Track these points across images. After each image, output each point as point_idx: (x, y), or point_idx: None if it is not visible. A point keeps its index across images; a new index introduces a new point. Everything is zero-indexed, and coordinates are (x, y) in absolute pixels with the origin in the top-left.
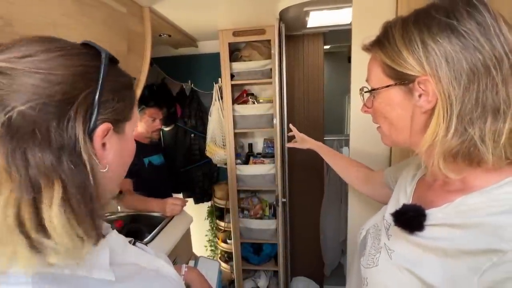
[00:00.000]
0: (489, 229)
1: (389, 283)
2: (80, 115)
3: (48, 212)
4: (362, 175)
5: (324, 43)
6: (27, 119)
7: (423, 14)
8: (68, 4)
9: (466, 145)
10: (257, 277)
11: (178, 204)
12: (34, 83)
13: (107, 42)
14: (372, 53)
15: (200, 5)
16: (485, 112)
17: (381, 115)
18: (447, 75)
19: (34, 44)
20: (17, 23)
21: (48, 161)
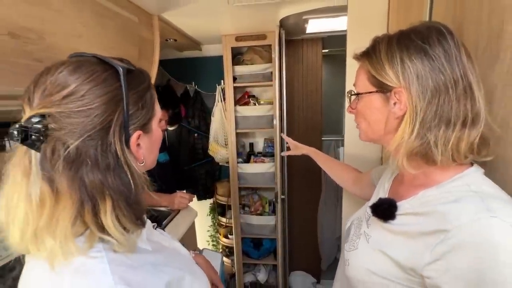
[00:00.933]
0: (440, 215)
1: (366, 262)
2: (117, 133)
3: (105, 219)
4: (352, 177)
5: (322, 47)
6: (79, 151)
7: (405, 36)
8: (88, 17)
9: (424, 147)
10: (257, 271)
11: (186, 198)
12: (79, 121)
13: (121, 50)
14: (360, 62)
15: (205, 13)
16: (440, 122)
17: (362, 116)
18: (416, 89)
19: (66, 78)
20: (48, 36)
21: (98, 181)
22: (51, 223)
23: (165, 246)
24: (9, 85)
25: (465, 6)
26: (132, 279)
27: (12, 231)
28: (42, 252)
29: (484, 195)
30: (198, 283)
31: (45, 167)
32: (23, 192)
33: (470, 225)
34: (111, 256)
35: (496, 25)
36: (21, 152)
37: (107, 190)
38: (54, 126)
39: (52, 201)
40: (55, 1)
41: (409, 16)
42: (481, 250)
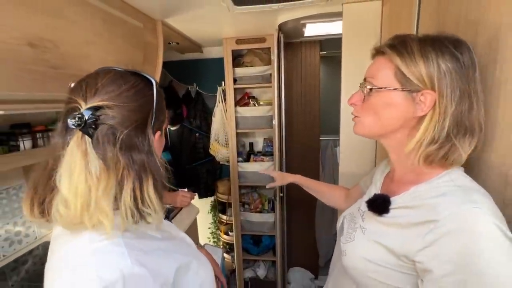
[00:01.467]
0: (429, 207)
1: (362, 251)
2: (150, 128)
3: (148, 192)
4: (342, 196)
5: (320, 49)
6: (129, 137)
7: (439, 41)
8: (99, 26)
9: (443, 149)
10: (257, 267)
11: (188, 196)
12: (125, 114)
13: (128, 54)
14: (386, 56)
15: (207, 18)
16: (461, 128)
17: (372, 110)
18: (448, 94)
19: (115, 83)
20: (61, 44)
21: (144, 160)
22: (105, 192)
23: (173, 235)
24: (27, 91)
25: (446, 19)
26: (146, 261)
27: (73, 202)
28: (93, 222)
29: (466, 189)
30: (204, 269)
31: (98, 149)
32: (83, 169)
33: (456, 215)
34: (127, 242)
35: (471, 36)
36: (78, 137)
37: (149, 169)
38: (109, 115)
39: (106, 176)
40: (69, 12)
41: (400, 25)
42: (465, 236)
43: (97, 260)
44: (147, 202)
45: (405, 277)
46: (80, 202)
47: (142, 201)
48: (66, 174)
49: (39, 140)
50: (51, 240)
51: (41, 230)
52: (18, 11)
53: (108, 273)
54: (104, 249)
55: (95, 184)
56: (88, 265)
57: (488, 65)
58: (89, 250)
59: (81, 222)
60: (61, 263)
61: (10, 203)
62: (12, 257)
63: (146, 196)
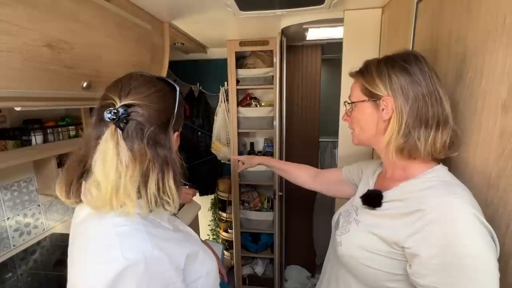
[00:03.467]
0: (417, 199)
1: (357, 241)
2: (171, 128)
3: (169, 183)
4: (310, 174)
5: (322, 53)
6: (155, 133)
7: (390, 58)
8: (111, 28)
9: (409, 142)
10: (255, 264)
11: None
12: (152, 113)
13: (137, 56)
14: (355, 79)
15: (212, 21)
16: (421, 122)
17: (356, 121)
18: (401, 97)
19: (145, 86)
20: (77, 45)
21: (167, 155)
22: (132, 180)
23: (180, 229)
24: (44, 88)
25: (439, 33)
26: (163, 246)
27: (104, 185)
28: (119, 204)
29: (450, 183)
30: (209, 259)
31: (127, 141)
32: (115, 157)
33: (439, 204)
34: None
35: (461, 50)
36: (112, 130)
37: (171, 162)
38: (139, 112)
39: (133, 166)
40: (84, 15)
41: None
42: (447, 222)
43: (121, 242)
44: (167, 192)
45: (396, 263)
46: (110, 185)
47: (163, 190)
48: (100, 160)
49: (49, 135)
50: (73, 226)
51: (48, 222)
52: (38, 15)
53: (132, 253)
54: (127, 233)
55: (125, 171)
56: (114, 246)
57: (475, 77)
58: (114, 233)
59: (109, 203)
60: (86, 245)
61: (20, 196)
62: (21, 247)
63: (167, 187)
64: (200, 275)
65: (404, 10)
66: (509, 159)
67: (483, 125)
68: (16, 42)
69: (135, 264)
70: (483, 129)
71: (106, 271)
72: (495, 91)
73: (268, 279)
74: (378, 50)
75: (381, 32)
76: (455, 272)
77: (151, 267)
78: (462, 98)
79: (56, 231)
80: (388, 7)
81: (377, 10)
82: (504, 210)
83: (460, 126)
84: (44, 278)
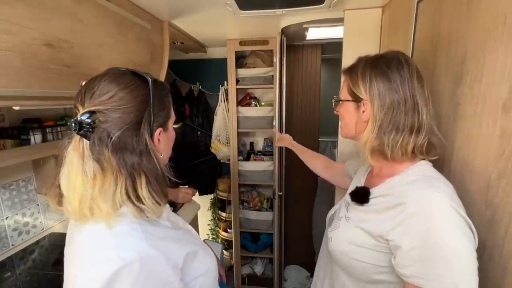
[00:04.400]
0: (399, 193)
1: (346, 236)
2: (146, 127)
3: (141, 191)
4: (322, 163)
5: (322, 52)
6: (121, 139)
7: (376, 61)
8: (111, 27)
9: (381, 146)
10: (254, 264)
11: (190, 193)
12: (119, 116)
13: (137, 55)
14: (345, 76)
15: (212, 20)
16: (392, 129)
17: (342, 117)
18: (377, 103)
19: (110, 85)
20: (76, 45)
21: (136, 162)
22: (102, 191)
23: (180, 226)
24: (43, 87)
25: (440, 33)
26: (160, 246)
27: (72, 199)
28: (95, 216)
29: (431, 178)
30: (209, 258)
31: (94, 151)
32: (80, 170)
33: (419, 198)
34: (144, 228)
35: (461, 50)
36: (76, 140)
37: (142, 169)
38: (101, 119)
39: (101, 176)
40: (84, 15)
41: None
42: (427, 215)
43: (117, 242)
44: (141, 199)
45: (382, 255)
46: (78, 199)
47: (136, 198)
48: (65, 175)
49: (48, 134)
50: (70, 226)
51: (47, 221)
52: (38, 14)
53: (127, 253)
54: (123, 232)
55: (91, 184)
56: (109, 245)
57: (475, 77)
58: (109, 234)
59: (83, 216)
60: (82, 246)
61: (19, 195)
62: (20, 247)
63: (140, 194)
64: (200, 273)
65: (405, 10)
66: (509, 160)
67: (483, 125)
68: (16, 41)
69: (130, 264)
70: (483, 130)
71: (102, 271)
72: (495, 91)
73: (268, 279)
74: (378, 50)
75: (381, 32)
76: (434, 263)
77: (147, 266)
78: (462, 98)
79: (55, 231)
80: (388, 6)
81: (377, 10)
82: (504, 212)
83: (459, 127)
84: (43, 277)
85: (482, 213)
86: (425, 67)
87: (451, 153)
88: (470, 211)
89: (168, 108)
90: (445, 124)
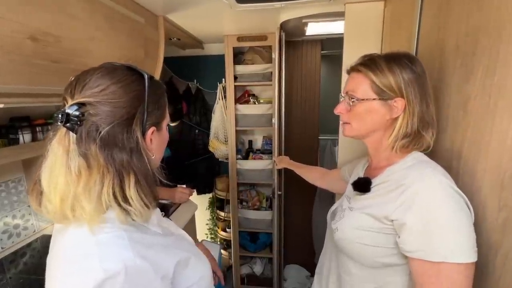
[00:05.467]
0: (400, 176)
1: (351, 222)
2: (138, 124)
3: (129, 191)
4: (318, 174)
5: (321, 48)
6: (110, 134)
7: (398, 58)
8: (101, 21)
9: (414, 140)
10: (253, 264)
11: (186, 193)
12: (110, 110)
13: (129, 50)
14: (363, 73)
15: (208, 15)
16: (426, 121)
17: (358, 116)
18: (413, 99)
19: (103, 78)
20: (64, 39)
21: (125, 159)
22: (86, 189)
23: (172, 232)
24: (27, 84)
25: (447, 25)
26: (147, 254)
27: (53, 197)
28: (77, 217)
29: (427, 161)
30: (202, 265)
31: (81, 146)
32: (64, 165)
33: (418, 177)
34: (130, 235)
35: (471, 44)
36: (62, 133)
37: (131, 168)
38: (91, 112)
39: (87, 173)
40: (71, 7)
41: (401, 26)
42: (426, 191)
43: (100, 251)
44: (128, 200)
45: (387, 237)
46: (59, 197)
47: (123, 198)
48: (47, 169)
49: (38, 133)
50: (54, 232)
51: (39, 223)
52: (20, 5)
53: (111, 264)
54: (107, 241)
55: (74, 180)
56: (91, 255)
57: (487, 71)
58: (93, 241)
59: (64, 217)
60: (64, 253)
61: (9, 196)
62: (10, 250)
63: (127, 195)
64: (193, 282)
65: (408, 3)
66: None
67: (496, 122)
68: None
69: (114, 276)
70: (496, 127)
71: (83, 283)
72: (511, 87)
73: (267, 278)
74: (380, 45)
75: (383, 26)
76: (434, 234)
77: (132, 277)
78: (472, 95)
79: (48, 233)
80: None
81: (380, 3)
82: None
83: (470, 123)
84: (35, 281)
85: (496, 215)
86: (431, 61)
87: (461, 150)
88: (482, 212)
89: (163, 108)
90: (453, 120)
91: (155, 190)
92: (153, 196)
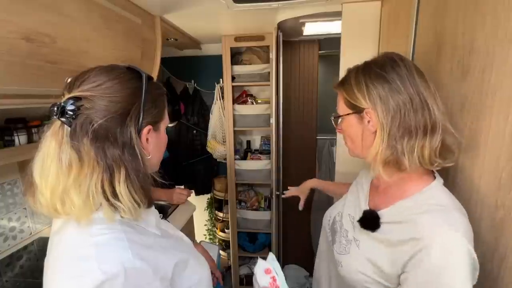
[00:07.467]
0: (412, 224)
1: (357, 266)
2: (133, 121)
3: (118, 187)
4: (346, 190)
5: (319, 48)
6: (103, 128)
7: (368, 66)
8: (97, 21)
9: (394, 155)
10: (252, 264)
11: (184, 194)
12: (105, 104)
13: (126, 51)
14: (338, 91)
15: (206, 15)
16: (404, 133)
17: (346, 134)
18: (381, 108)
19: (101, 75)
20: (59, 40)
21: (116, 154)
22: (77, 182)
23: (170, 234)
24: (22, 85)
25: (444, 25)
26: (146, 256)
27: (44, 189)
28: (66, 211)
29: (447, 208)
30: (201, 267)
31: (74, 139)
32: (55, 157)
33: (435, 235)
34: (129, 237)
35: (468, 43)
36: (56, 126)
37: (122, 163)
38: (87, 106)
39: (78, 166)
40: (66, 8)
41: (398, 26)
42: (441, 253)
43: (99, 253)
44: (118, 195)
45: (393, 285)
46: (49, 189)
47: (112, 194)
48: (39, 161)
49: (34, 135)
50: (52, 234)
51: (36, 226)
52: (14, 5)
53: (110, 266)
54: (106, 242)
55: (65, 173)
56: (90, 257)
57: (484, 70)
58: (91, 243)
59: (55, 210)
60: (62, 255)
61: (4, 199)
62: (6, 253)
63: (117, 190)
64: (192, 284)
65: (405, 2)
66: None
67: (493, 121)
68: None
69: (113, 278)
70: (493, 126)
71: (81, 285)
72: (507, 85)
73: None
74: (378, 45)
75: (380, 26)
76: None
77: (132, 279)
78: (469, 94)
79: (44, 235)
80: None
81: (377, 3)
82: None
83: (467, 123)
84: (31, 284)
85: (493, 214)
86: (428, 61)
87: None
88: (480, 212)
89: (161, 108)
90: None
91: (149, 189)
92: (145, 194)
